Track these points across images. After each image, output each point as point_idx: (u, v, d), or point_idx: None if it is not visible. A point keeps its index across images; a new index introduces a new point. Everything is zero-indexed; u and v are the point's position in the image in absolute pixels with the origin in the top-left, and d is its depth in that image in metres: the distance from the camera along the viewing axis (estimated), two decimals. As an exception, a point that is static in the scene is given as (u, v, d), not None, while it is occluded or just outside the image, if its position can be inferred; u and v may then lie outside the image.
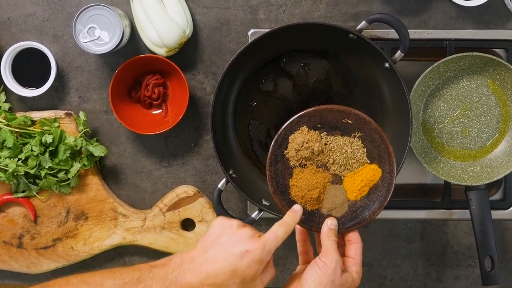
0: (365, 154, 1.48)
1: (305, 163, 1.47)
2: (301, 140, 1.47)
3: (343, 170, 1.47)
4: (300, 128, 1.48)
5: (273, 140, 1.49)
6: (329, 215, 1.46)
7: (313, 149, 1.46)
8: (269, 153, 1.49)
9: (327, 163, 1.47)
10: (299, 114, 1.49)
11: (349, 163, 1.46)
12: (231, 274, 1.31)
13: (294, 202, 1.47)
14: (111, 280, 1.34)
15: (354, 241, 1.43)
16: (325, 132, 1.48)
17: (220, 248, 1.35)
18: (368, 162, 1.47)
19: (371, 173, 1.46)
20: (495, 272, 1.72)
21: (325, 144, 1.47)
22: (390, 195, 1.46)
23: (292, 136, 1.49)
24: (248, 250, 1.32)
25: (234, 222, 1.40)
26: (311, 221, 1.47)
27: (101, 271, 1.39)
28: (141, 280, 1.33)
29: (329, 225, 1.43)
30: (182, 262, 1.36)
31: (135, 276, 1.34)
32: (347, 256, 1.42)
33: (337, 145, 1.47)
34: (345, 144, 1.48)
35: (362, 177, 1.46)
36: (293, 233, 1.42)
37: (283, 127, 1.49)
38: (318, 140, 1.47)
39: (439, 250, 1.90)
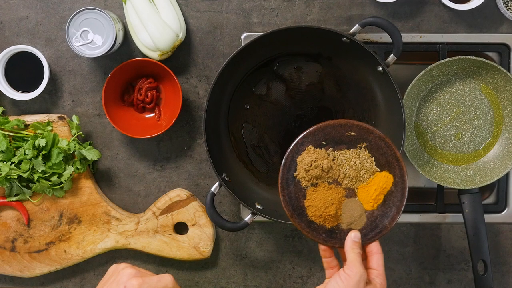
0: (374, 163, 1.48)
1: (317, 182, 1.47)
2: (309, 160, 1.47)
3: (355, 183, 1.47)
4: (306, 148, 1.49)
5: (282, 164, 1.50)
6: (350, 229, 1.46)
7: (322, 166, 1.46)
8: (279, 178, 1.49)
9: (338, 178, 1.48)
10: (302, 135, 1.49)
11: (360, 174, 1.47)
12: None
13: (313, 223, 1.48)
14: None
15: (375, 251, 1.43)
16: (331, 148, 1.48)
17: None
18: (378, 170, 1.48)
19: (383, 180, 1.47)
20: (488, 276, 1.72)
21: (333, 159, 1.48)
22: (405, 198, 1.47)
23: (299, 158, 1.49)
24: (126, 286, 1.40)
25: (121, 265, 1.47)
26: (333, 238, 1.47)
27: None
28: None
29: (353, 237, 1.43)
30: None
31: None
32: (370, 268, 1.42)
33: (345, 159, 1.47)
34: (352, 156, 1.48)
35: (375, 186, 1.47)
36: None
37: (289, 150, 1.50)
38: (326, 157, 1.48)
39: (432, 253, 1.90)
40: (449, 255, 1.90)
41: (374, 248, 1.44)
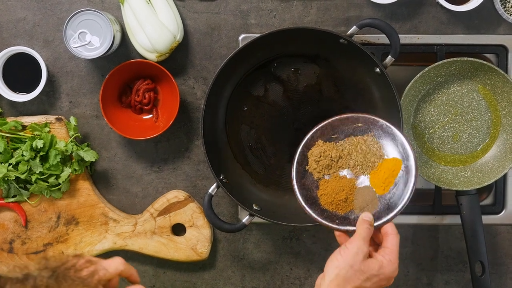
0: (381, 147, 1.51)
1: (328, 172, 1.52)
2: (318, 152, 1.54)
3: (366, 170, 1.51)
4: (316, 143, 1.55)
5: (294, 160, 1.55)
6: None
7: (331, 156, 1.52)
8: (293, 172, 1.55)
9: (349, 167, 1.52)
10: (313, 131, 1.56)
11: (368, 158, 1.51)
12: None
13: (326, 211, 1.51)
14: None
15: (390, 232, 1.45)
16: (340, 141, 1.52)
17: None
18: (387, 156, 1.51)
19: (392, 163, 1.50)
20: (486, 277, 1.72)
21: (342, 150, 1.53)
22: (416, 178, 1.48)
23: (309, 152, 1.56)
24: None
25: None
26: (347, 224, 1.50)
27: None
28: None
29: (363, 216, 1.46)
30: None
31: None
32: (383, 247, 1.44)
33: (351, 145, 1.53)
34: (359, 142, 1.54)
35: (384, 169, 1.50)
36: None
37: (301, 145, 1.56)
38: (334, 147, 1.53)
39: (430, 255, 1.90)
40: (447, 256, 1.90)
41: (389, 229, 1.45)
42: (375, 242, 1.50)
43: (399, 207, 1.48)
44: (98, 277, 1.31)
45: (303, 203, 1.53)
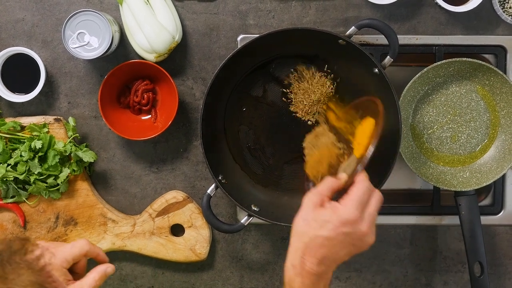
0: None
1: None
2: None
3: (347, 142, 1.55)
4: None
5: None
6: None
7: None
8: None
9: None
10: None
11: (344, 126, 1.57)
12: None
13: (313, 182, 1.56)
14: None
15: (356, 181, 1.39)
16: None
17: None
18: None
19: (366, 125, 1.51)
20: (485, 278, 1.72)
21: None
22: (381, 126, 1.46)
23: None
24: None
25: None
26: None
27: None
28: None
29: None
30: None
31: None
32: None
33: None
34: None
35: (359, 132, 1.52)
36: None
37: None
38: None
39: (428, 255, 1.90)
40: (445, 257, 1.90)
41: (357, 178, 1.39)
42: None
43: (366, 158, 1.44)
44: (44, 261, 1.27)
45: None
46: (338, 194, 1.40)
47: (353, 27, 1.61)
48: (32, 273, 1.22)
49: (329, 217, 1.31)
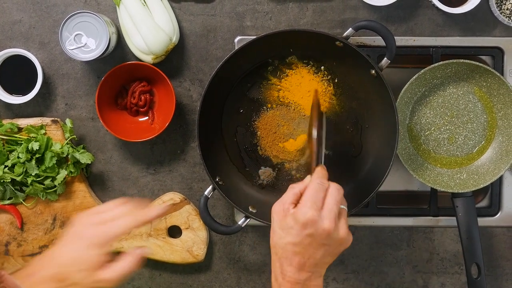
0: None
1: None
2: None
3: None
4: None
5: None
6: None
7: None
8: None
9: None
10: None
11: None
12: (76, 261, 1.35)
13: None
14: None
15: (310, 180, 1.38)
16: None
17: (72, 239, 1.39)
18: None
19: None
20: (482, 279, 1.72)
21: None
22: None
23: None
24: (88, 236, 1.37)
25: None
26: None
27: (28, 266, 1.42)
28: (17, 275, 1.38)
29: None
30: (41, 257, 1.40)
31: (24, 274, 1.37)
32: None
33: None
34: None
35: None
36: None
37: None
38: None
39: (425, 257, 1.90)
40: (442, 259, 1.90)
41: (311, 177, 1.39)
42: None
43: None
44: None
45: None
46: None
47: (350, 28, 1.61)
48: None
49: (290, 223, 1.31)
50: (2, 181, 1.77)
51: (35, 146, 1.74)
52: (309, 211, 1.29)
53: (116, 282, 1.36)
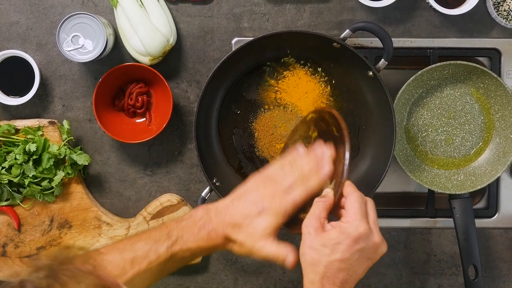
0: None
1: None
2: None
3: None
4: None
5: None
6: None
7: None
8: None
9: None
10: None
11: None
12: (246, 226, 1.34)
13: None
14: (141, 243, 1.36)
15: (347, 193, 1.33)
16: None
17: (245, 202, 1.37)
18: None
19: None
20: (479, 281, 1.72)
21: None
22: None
23: None
24: (265, 208, 1.34)
25: (266, 180, 1.40)
26: None
27: (128, 237, 1.42)
28: (171, 234, 1.36)
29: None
30: (207, 211, 1.38)
31: (164, 232, 1.36)
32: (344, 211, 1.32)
33: None
34: None
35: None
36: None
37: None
38: None
39: (423, 258, 1.90)
40: (439, 260, 1.90)
41: (347, 190, 1.35)
42: None
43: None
44: (94, 262, 1.27)
45: None
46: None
47: (348, 30, 1.61)
48: (91, 277, 1.22)
49: (338, 238, 1.25)
50: (-1, 182, 1.77)
51: (32, 147, 1.74)
52: (361, 224, 1.26)
53: (262, 256, 1.35)
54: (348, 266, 1.26)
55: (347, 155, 1.37)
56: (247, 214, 1.35)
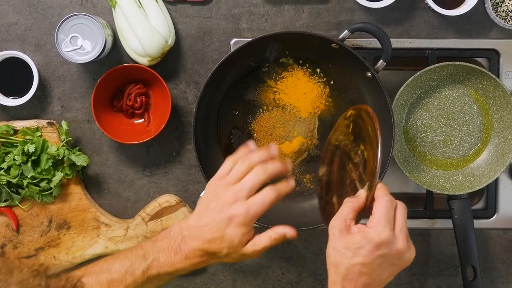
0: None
1: None
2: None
3: None
4: None
5: None
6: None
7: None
8: None
9: None
10: None
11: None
12: (221, 239, 1.35)
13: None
14: (117, 264, 1.36)
15: (377, 197, 1.31)
16: None
17: (211, 214, 1.37)
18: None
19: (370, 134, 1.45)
20: (477, 282, 1.72)
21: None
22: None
23: None
24: (232, 216, 1.34)
25: (222, 183, 1.41)
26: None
27: (104, 258, 1.41)
28: (147, 256, 1.36)
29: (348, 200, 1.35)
30: (181, 231, 1.38)
31: (140, 254, 1.37)
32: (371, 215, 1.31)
33: None
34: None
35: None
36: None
37: None
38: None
39: (421, 259, 1.90)
40: (438, 261, 1.90)
41: (377, 194, 1.33)
42: None
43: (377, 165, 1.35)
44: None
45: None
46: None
47: (346, 30, 1.61)
48: None
49: (360, 243, 1.25)
50: (-2, 183, 1.77)
51: (31, 148, 1.74)
52: (384, 230, 1.25)
53: (259, 254, 1.38)
54: (370, 270, 1.26)
55: (379, 156, 1.34)
56: (217, 227, 1.35)
